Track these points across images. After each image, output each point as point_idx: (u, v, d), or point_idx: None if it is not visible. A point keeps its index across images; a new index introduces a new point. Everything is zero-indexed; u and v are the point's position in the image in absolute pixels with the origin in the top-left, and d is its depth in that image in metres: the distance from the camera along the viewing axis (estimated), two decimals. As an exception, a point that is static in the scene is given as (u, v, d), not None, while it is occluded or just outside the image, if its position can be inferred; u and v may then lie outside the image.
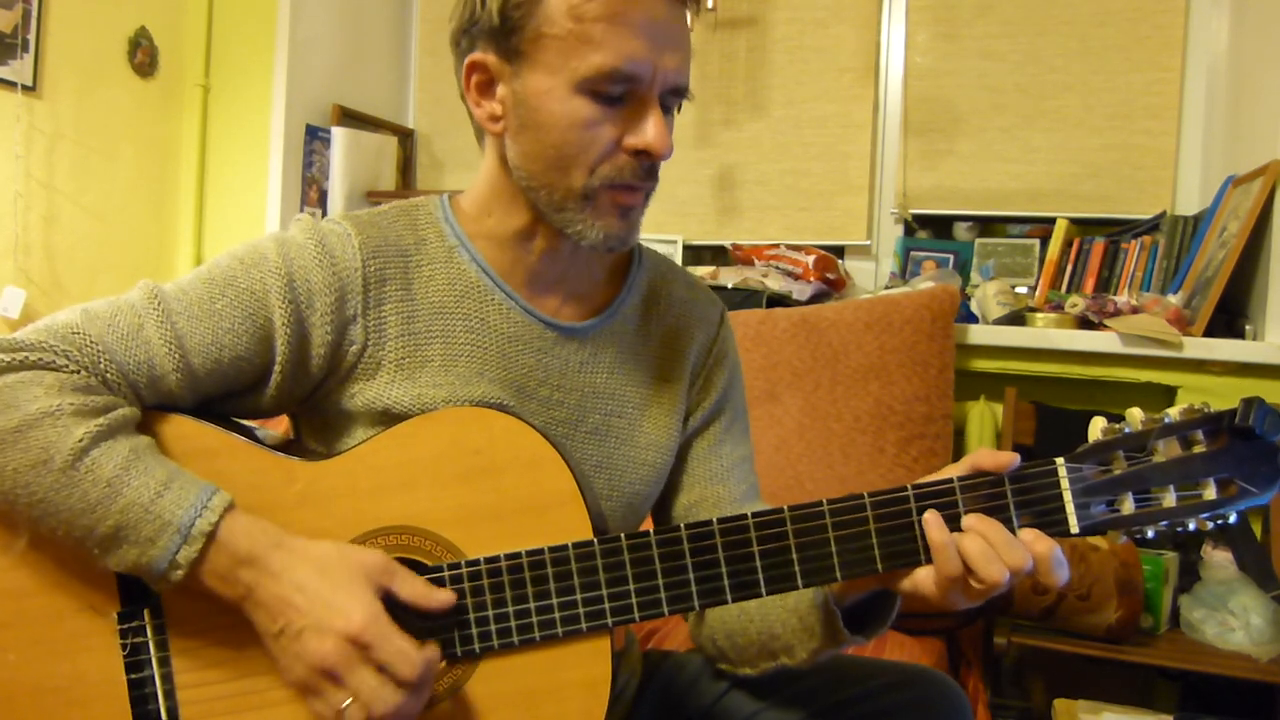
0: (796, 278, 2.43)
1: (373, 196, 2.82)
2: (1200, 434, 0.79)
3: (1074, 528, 0.80)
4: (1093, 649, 1.83)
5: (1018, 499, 0.80)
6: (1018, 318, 2.24)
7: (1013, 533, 0.79)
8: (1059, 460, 0.80)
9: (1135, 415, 0.80)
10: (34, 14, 2.31)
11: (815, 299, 2.40)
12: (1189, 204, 2.39)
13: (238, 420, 0.94)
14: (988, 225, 2.62)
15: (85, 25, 2.46)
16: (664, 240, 2.74)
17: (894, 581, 0.84)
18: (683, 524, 0.84)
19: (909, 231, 2.63)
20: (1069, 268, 2.35)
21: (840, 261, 2.54)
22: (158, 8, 2.66)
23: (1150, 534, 0.81)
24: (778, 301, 2.34)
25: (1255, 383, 2.02)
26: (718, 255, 2.81)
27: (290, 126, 2.69)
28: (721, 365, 1.08)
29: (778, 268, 2.47)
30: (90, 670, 0.83)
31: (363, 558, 0.81)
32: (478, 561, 0.84)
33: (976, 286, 2.39)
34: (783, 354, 2.15)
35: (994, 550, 0.78)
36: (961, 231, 2.63)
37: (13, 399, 0.79)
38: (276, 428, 1.04)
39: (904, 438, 2.04)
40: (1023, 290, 2.39)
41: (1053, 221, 2.40)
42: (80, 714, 0.83)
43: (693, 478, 1.06)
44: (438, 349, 0.93)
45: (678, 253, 2.74)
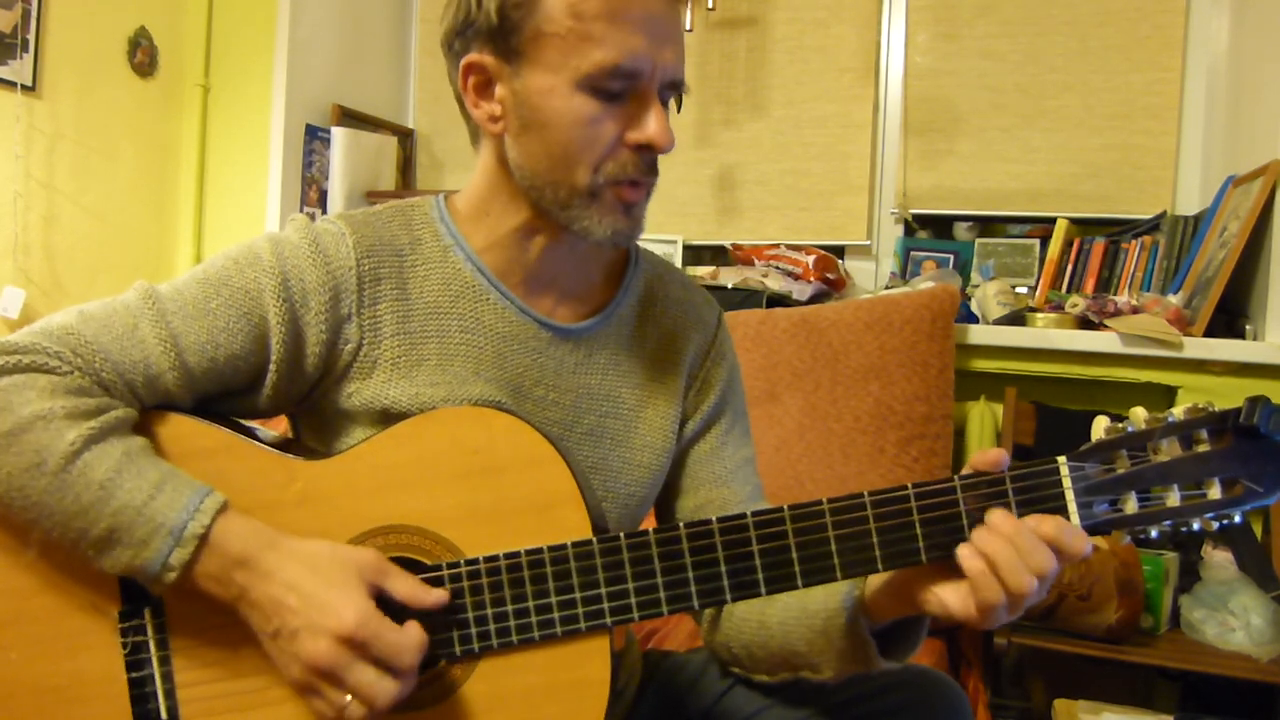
0: (796, 278, 2.43)
1: (372, 196, 2.81)
2: (1204, 433, 0.78)
3: (1076, 527, 0.79)
4: (1093, 649, 1.83)
5: (1019, 498, 0.79)
6: (1018, 318, 2.24)
7: None
8: (1061, 459, 0.80)
9: (1139, 414, 0.80)
10: (34, 14, 2.30)
11: (815, 299, 2.40)
12: (1189, 204, 2.39)
13: (238, 420, 0.94)
14: (988, 225, 2.62)
15: (85, 25, 2.46)
16: (664, 240, 2.73)
17: (927, 613, 0.82)
18: (682, 523, 0.84)
19: (909, 231, 2.63)
20: (1069, 268, 2.35)
21: (840, 261, 2.54)
22: (158, 8, 2.66)
23: (1153, 534, 0.80)
24: (778, 301, 2.34)
25: (1256, 383, 2.01)
26: (718, 255, 2.81)
27: (290, 126, 2.69)
28: (719, 367, 1.07)
29: (778, 268, 2.47)
30: (91, 669, 0.83)
31: (355, 556, 0.80)
32: (477, 561, 0.84)
33: (976, 286, 2.39)
34: (783, 354, 2.15)
35: (1020, 558, 0.75)
36: (961, 231, 2.63)
37: (6, 403, 0.79)
38: (275, 428, 1.03)
39: (904, 438, 2.04)
40: (1023, 290, 2.39)
41: (1053, 221, 2.40)
42: (81, 712, 0.83)
43: (696, 481, 1.05)
44: (433, 348, 0.93)
45: (678, 253, 2.74)
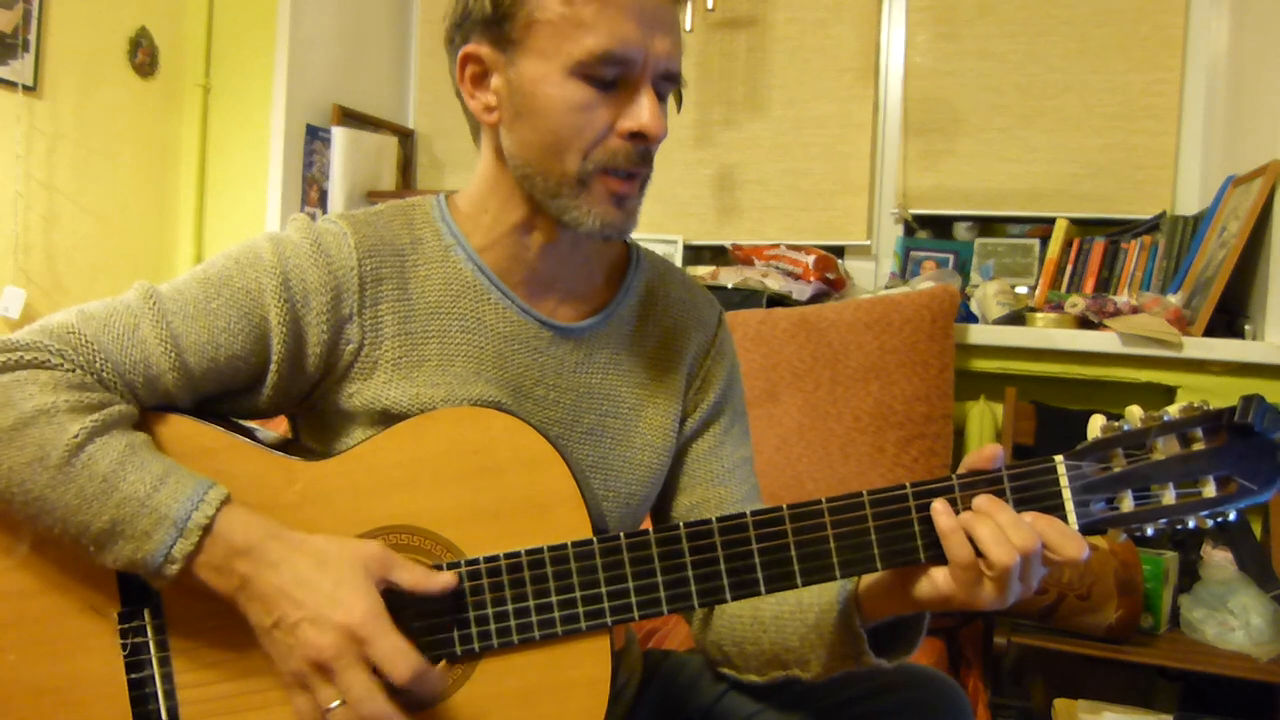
0: (796, 278, 2.43)
1: (373, 197, 2.82)
2: (1200, 432, 0.79)
3: (1073, 525, 0.79)
4: (1093, 649, 1.83)
5: (1017, 496, 0.80)
6: (1018, 318, 2.24)
7: None
8: (1058, 458, 0.80)
9: (1134, 413, 0.80)
10: (34, 14, 2.31)
11: (815, 299, 2.40)
12: (1189, 204, 2.39)
13: (238, 420, 0.94)
14: (988, 225, 2.62)
15: (85, 25, 2.46)
16: (664, 240, 2.74)
17: (920, 597, 0.82)
18: (682, 523, 0.84)
19: (909, 231, 2.63)
20: (1069, 268, 2.35)
21: (840, 261, 2.54)
22: (158, 8, 2.66)
23: (1150, 532, 0.80)
24: (778, 301, 2.34)
25: (1255, 383, 2.01)
26: (718, 255, 2.81)
27: (290, 126, 2.69)
28: (719, 367, 1.07)
29: (778, 268, 2.47)
30: (90, 670, 0.83)
31: (361, 550, 0.80)
32: (477, 561, 0.84)
33: (976, 286, 2.39)
34: (783, 354, 2.15)
35: (1002, 531, 0.76)
36: (961, 231, 2.63)
37: (8, 398, 0.79)
38: (275, 428, 1.03)
39: (904, 438, 2.04)
40: (1023, 290, 2.39)
41: (1053, 221, 2.40)
42: (80, 714, 0.83)
43: (693, 479, 1.05)
44: (434, 348, 0.93)
45: (678, 253, 2.74)
